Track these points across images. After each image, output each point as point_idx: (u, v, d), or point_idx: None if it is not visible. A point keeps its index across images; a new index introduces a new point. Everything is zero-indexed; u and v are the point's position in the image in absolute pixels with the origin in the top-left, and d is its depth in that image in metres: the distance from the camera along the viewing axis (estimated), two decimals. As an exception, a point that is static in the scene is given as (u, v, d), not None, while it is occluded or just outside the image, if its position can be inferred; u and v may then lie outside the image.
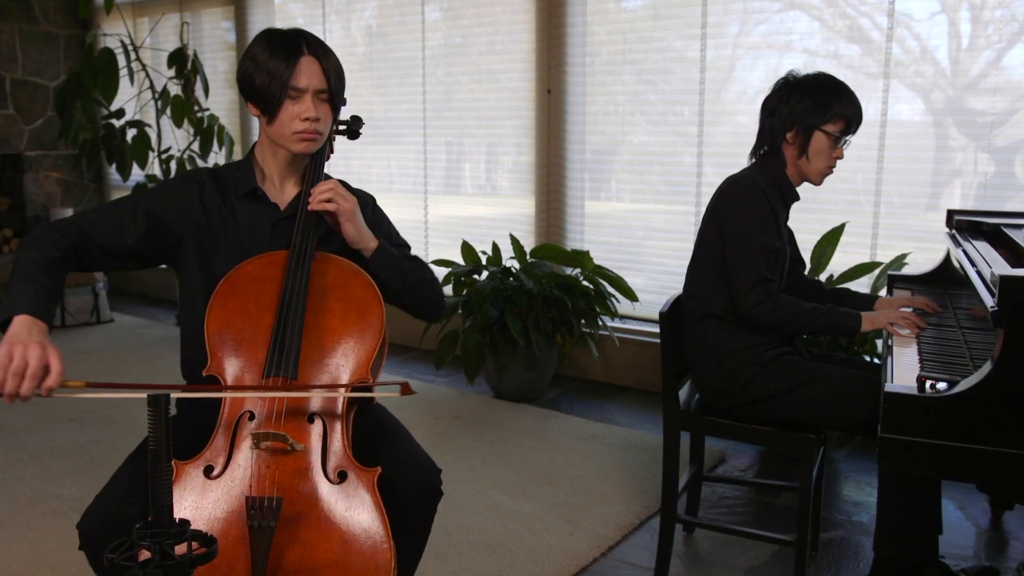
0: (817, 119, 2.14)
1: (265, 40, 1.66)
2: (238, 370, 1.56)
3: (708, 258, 2.20)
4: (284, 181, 1.76)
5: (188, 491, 1.45)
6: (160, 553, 1.18)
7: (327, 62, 1.67)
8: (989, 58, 3.13)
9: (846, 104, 2.14)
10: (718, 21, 3.63)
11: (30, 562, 2.37)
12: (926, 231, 3.27)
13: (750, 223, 2.11)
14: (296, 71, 1.62)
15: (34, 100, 5.84)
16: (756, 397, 2.12)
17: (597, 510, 2.69)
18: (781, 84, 2.21)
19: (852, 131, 2.18)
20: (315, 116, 1.65)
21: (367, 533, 1.43)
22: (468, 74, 4.45)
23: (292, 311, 1.58)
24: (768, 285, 2.08)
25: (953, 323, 2.10)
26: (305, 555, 1.41)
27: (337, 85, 1.68)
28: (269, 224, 1.73)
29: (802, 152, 2.17)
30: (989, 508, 2.72)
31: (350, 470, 1.49)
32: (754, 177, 2.17)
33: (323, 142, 1.74)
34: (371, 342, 1.60)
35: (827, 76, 2.18)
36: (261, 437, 1.46)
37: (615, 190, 4.14)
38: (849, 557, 2.44)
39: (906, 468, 1.57)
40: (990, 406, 1.50)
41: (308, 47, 1.66)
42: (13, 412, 3.59)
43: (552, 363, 3.85)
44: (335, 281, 1.65)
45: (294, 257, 1.64)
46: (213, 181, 1.75)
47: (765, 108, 2.23)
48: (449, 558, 2.39)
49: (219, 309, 1.61)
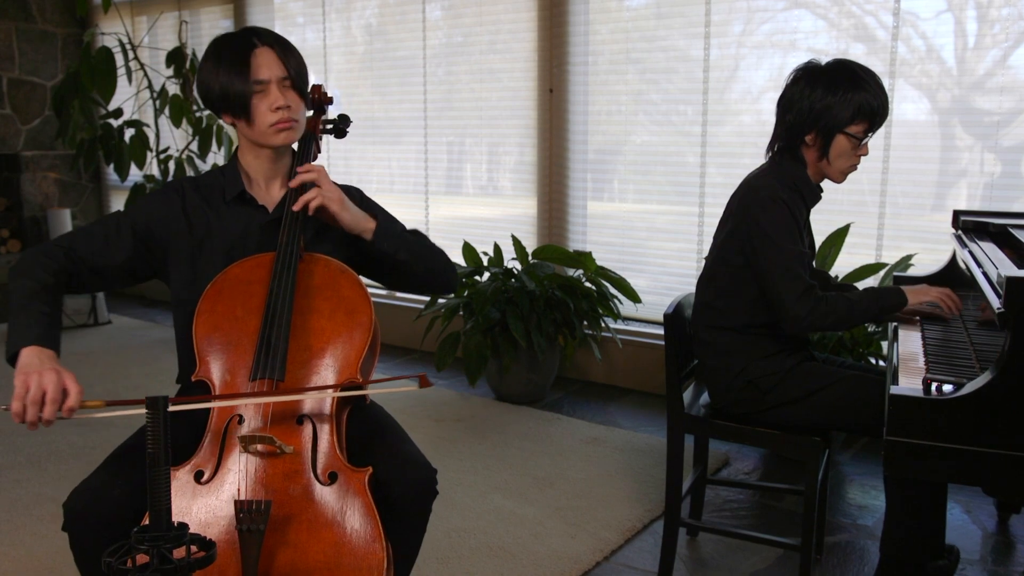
0: (838, 122, 2.01)
1: (213, 49, 1.67)
2: (226, 374, 1.56)
3: (726, 272, 2.13)
4: (270, 183, 1.76)
5: (178, 496, 1.44)
6: (158, 557, 1.17)
7: (281, 51, 1.66)
8: (996, 57, 3.11)
9: (869, 100, 1.99)
10: (722, 20, 3.61)
11: (27, 566, 2.35)
12: (932, 232, 3.25)
13: (779, 238, 2.00)
14: (254, 65, 1.63)
15: (31, 100, 5.82)
16: (776, 403, 2.09)
17: (600, 514, 2.67)
18: (799, 76, 2.06)
19: (877, 127, 2.05)
20: (285, 104, 1.64)
21: (359, 534, 1.42)
22: (469, 73, 4.43)
23: (278, 313, 1.58)
24: (812, 292, 2.00)
25: (959, 325, 2.08)
26: (296, 557, 1.40)
27: (298, 72, 1.68)
28: (257, 227, 1.72)
29: (823, 155, 2.07)
30: (996, 512, 2.70)
31: (341, 471, 1.48)
32: (773, 186, 2.05)
33: (301, 130, 1.72)
34: (360, 341, 1.60)
35: (848, 68, 2.02)
36: (249, 440, 1.45)
37: (618, 190, 4.11)
38: (855, 561, 2.41)
39: (912, 471, 1.55)
40: (997, 408, 1.49)
41: (259, 39, 1.66)
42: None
43: (554, 365, 3.82)
44: (322, 281, 1.65)
45: (280, 258, 1.63)
46: (195, 189, 1.74)
47: (782, 103, 2.09)
48: (450, 562, 2.37)
49: (207, 314, 1.61)
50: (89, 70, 4.53)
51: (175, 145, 5.18)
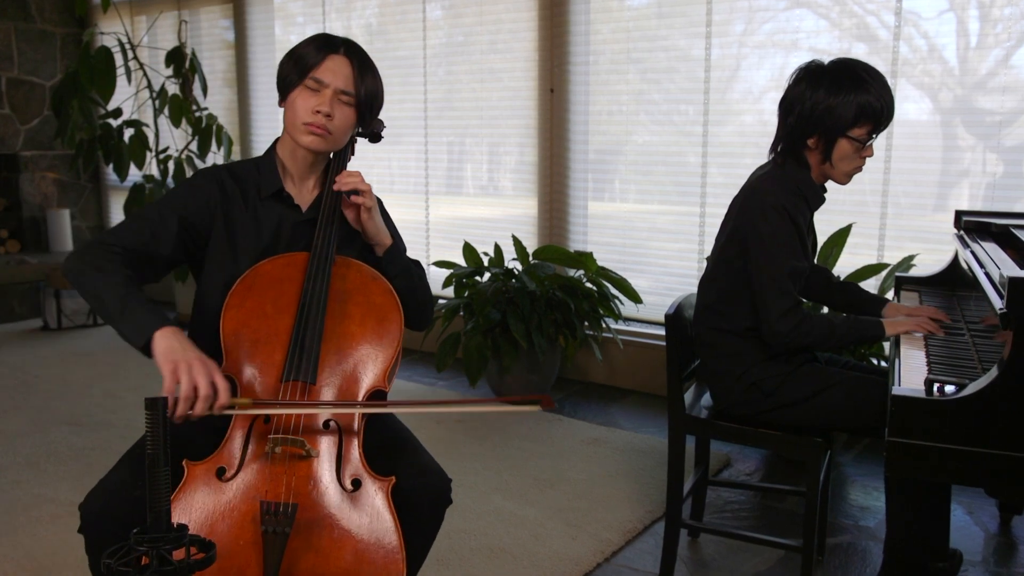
0: (840, 125, 1.96)
1: (311, 38, 1.67)
2: (255, 371, 1.54)
3: (728, 273, 2.11)
4: (303, 181, 1.75)
5: (199, 493, 1.42)
6: (158, 558, 1.16)
7: (362, 70, 1.66)
8: (998, 57, 3.10)
9: (872, 102, 1.94)
10: (723, 19, 3.60)
11: (27, 568, 2.34)
12: (934, 232, 3.24)
13: (775, 249, 1.98)
14: (322, 64, 1.63)
15: (30, 99, 5.81)
16: (779, 405, 2.08)
17: (601, 515, 2.66)
18: (801, 77, 2.01)
19: (882, 128, 2.01)
20: (328, 112, 1.63)
21: (380, 543, 1.41)
22: (470, 73, 4.42)
23: (312, 314, 1.56)
24: (797, 310, 1.99)
25: (961, 326, 2.08)
26: (318, 563, 1.39)
27: (366, 95, 1.66)
28: (290, 225, 1.71)
29: (826, 158, 2.03)
30: (998, 513, 2.69)
31: (365, 479, 1.47)
32: (776, 192, 2.01)
33: (332, 143, 1.70)
34: (390, 350, 1.60)
35: (851, 68, 1.97)
36: (278, 441, 1.44)
37: (619, 190, 4.10)
38: (856, 562, 2.41)
39: (913, 472, 1.55)
40: (999, 409, 1.48)
41: (346, 49, 1.66)
42: (9, 415, 3.56)
43: (555, 366, 3.81)
44: (355, 286, 1.64)
45: (315, 260, 1.62)
46: (232, 179, 1.72)
47: (783, 105, 2.06)
48: (451, 563, 2.36)
49: (235, 308, 1.58)
50: (88, 70, 4.52)
51: (174, 145, 5.16)
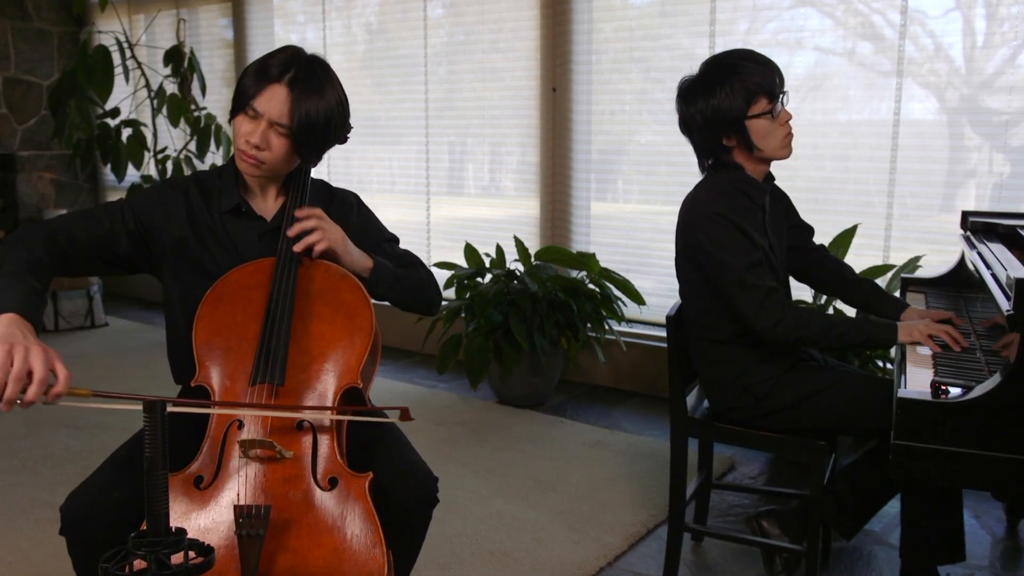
0: (738, 114, 1.95)
1: (258, 61, 1.64)
2: (226, 379, 1.55)
3: (695, 291, 2.10)
4: (265, 191, 1.74)
5: (178, 502, 1.43)
6: (156, 563, 1.15)
7: (302, 100, 1.58)
8: (1005, 56, 3.08)
9: (750, 78, 1.93)
10: (727, 18, 3.57)
11: (23, 571, 2.33)
12: (940, 233, 3.22)
13: (724, 255, 1.95)
14: (260, 94, 1.59)
15: (27, 99, 5.79)
16: (773, 409, 2.06)
17: (603, 518, 2.64)
18: (678, 97, 2.05)
19: (779, 92, 1.96)
20: (257, 143, 1.60)
21: (359, 539, 1.42)
22: (471, 72, 4.40)
23: (278, 316, 1.57)
24: (774, 296, 1.94)
25: (968, 328, 2.06)
26: (296, 563, 1.40)
27: (300, 128, 1.59)
28: (256, 237, 1.71)
29: (749, 147, 2.00)
30: (1005, 516, 2.68)
31: (341, 476, 1.48)
32: (706, 202, 2.00)
33: (269, 171, 1.66)
34: (361, 346, 1.60)
35: (714, 63, 1.99)
36: (249, 445, 1.45)
37: (622, 191, 4.08)
38: (861, 567, 2.39)
39: (919, 475, 1.54)
40: (1006, 412, 1.47)
41: (289, 78, 1.58)
42: (5, 417, 3.53)
43: (557, 368, 3.79)
44: (323, 286, 1.64)
45: (280, 263, 1.63)
46: (198, 190, 1.71)
47: (682, 129, 2.07)
48: (451, 567, 2.34)
49: (207, 319, 1.60)
50: (86, 69, 4.50)
51: (173, 145, 5.14)
